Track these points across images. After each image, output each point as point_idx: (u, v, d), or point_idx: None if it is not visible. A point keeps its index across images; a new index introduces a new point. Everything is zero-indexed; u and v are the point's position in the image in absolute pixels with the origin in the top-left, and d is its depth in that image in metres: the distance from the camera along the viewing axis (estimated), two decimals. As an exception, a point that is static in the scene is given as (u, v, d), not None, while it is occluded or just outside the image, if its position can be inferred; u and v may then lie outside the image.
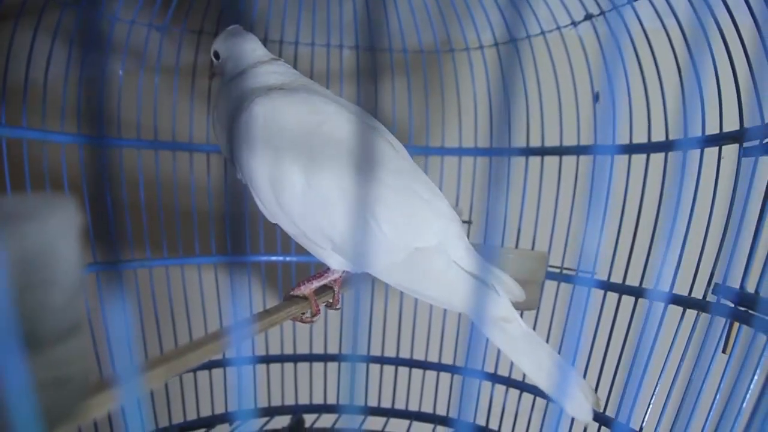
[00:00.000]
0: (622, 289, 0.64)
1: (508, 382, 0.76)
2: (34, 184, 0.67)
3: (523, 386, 0.74)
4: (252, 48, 0.57)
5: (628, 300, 0.63)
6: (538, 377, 0.50)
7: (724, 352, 0.48)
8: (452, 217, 0.51)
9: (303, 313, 0.55)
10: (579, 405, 0.48)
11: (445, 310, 0.81)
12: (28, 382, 0.17)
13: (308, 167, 0.47)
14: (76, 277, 0.20)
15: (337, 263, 0.51)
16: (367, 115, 0.53)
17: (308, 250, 0.53)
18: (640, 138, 0.65)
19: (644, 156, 0.64)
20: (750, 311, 0.46)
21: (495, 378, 0.77)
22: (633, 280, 0.64)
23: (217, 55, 0.57)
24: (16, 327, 0.17)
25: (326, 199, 0.47)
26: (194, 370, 0.79)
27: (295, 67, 0.83)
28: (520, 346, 0.49)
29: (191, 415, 0.81)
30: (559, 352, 0.51)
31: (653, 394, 0.55)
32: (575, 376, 0.50)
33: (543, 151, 0.76)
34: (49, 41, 0.68)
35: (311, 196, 0.47)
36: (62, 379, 0.20)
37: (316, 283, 0.53)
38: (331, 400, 0.86)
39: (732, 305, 0.48)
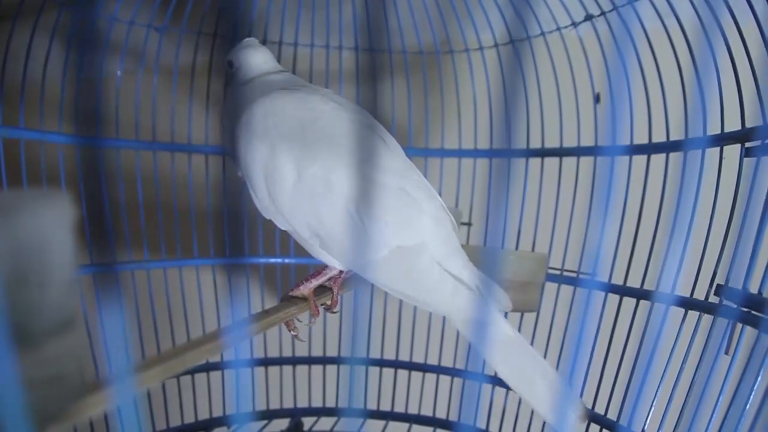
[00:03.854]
0: (624, 291, 0.64)
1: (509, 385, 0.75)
2: (32, 185, 0.66)
3: (524, 389, 0.74)
4: (263, 60, 0.58)
5: (629, 302, 0.62)
6: (519, 386, 0.49)
7: (727, 353, 0.48)
8: (439, 217, 0.51)
9: (299, 320, 0.54)
10: (565, 419, 0.47)
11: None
12: (19, 379, 0.16)
13: (299, 162, 0.48)
14: (70, 273, 0.20)
15: (331, 261, 0.52)
16: (365, 114, 0.53)
17: (305, 248, 0.53)
18: (641, 139, 0.65)
19: (645, 157, 0.63)
20: (754, 312, 0.45)
21: (495, 380, 0.76)
22: (634, 282, 0.63)
23: (230, 65, 0.58)
24: (7, 323, 0.16)
25: (313, 192, 0.48)
26: (192, 373, 0.79)
27: (294, 67, 0.84)
28: (503, 351, 0.49)
29: (189, 418, 0.80)
30: (560, 355, 0.50)
31: (655, 396, 0.55)
32: (565, 388, 0.49)
33: (543, 153, 0.75)
34: (47, 41, 0.67)
35: (300, 189, 0.48)
36: (55, 377, 0.19)
37: (315, 282, 0.53)
38: (330, 403, 0.85)
39: (735, 307, 0.48)
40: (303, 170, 0.48)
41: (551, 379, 0.49)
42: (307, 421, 0.81)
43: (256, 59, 0.57)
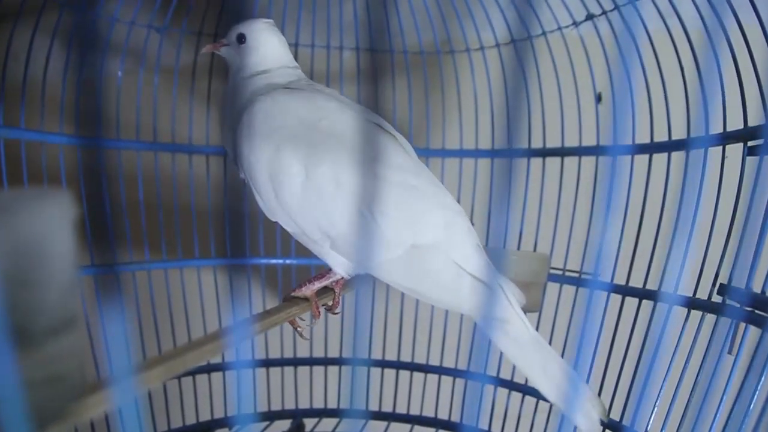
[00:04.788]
0: (627, 291, 0.63)
1: (511, 386, 0.75)
2: (32, 185, 0.66)
3: (526, 389, 0.74)
4: (285, 52, 0.56)
5: (632, 302, 0.62)
6: (543, 385, 0.49)
7: (730, 353, 0.48)
8: (458, 210, 0.50)
9: (301, 319, 0.54)
10: (587, 417, 0.47)
11: (446, 313, 0.81)
12: (19, 379, 0.16)
13: (307, 161, 0.47)
14: (70, 273, 0.20)
15: (337, 264, 0.51)
16: (371, 113, 0.53)
17: (310, 249, 0.52)
18: (643, 138, 0.64)
19: (647, 156, 0.63)
20: (758, 312, 0.45)
21: (497, 381, 0.76)
22: (637, 282, 0.63)
23: (241, 39, 0.55)
24: (7, 323, 0.16)
25: (323, 192, 0.47)
26: (193, 374, 0.78)
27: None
28: (526, 352, 0.49)
29: (190, 420, 0.80)
30: (562, 355, 0.50)
31: (658, 396, 0.55)
32: (583, 386, 0.49)
33: (545, 153, 0.75)
34: (47, 42, 0.67)
35: (309, 190, 0.47)
36: (55, 377, 0.19)
37: (318, 284, 0.53)
38: (332, 404, 0.85)
39: (738, 306, 0.47)
40: (311, 170, 0.47)
41: (572, 376, 0.48)
42: (309, 423, 0.81)
43: (279, 49, 0.56)
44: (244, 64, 0.55)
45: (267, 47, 0.55)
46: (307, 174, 0.47)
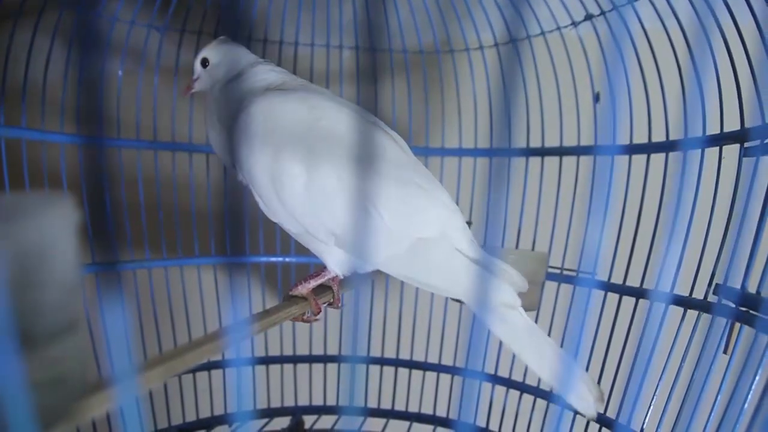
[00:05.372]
0: (623, 290, 0.64)
1: (509, 383, 0.76)
2: (33, 185, 0.66)
3: (524, 387, 0.74)
4: (245, 52, 0.58)
5: (628, 301, 0.63)
6: (541, 370, 0.50)
7: (725, 352, 0.48)
8: (454, 208, 0.51)
9: (304, 314, 0.54)
10: (582, 399, 0.48)
11: (445, 311, 0.81)
12: (24, 381, 0.16)
13: (308, 162, 0.47)
14: (73, 275, 0.20)
15: (335, 263, 0.51)
16: (366, 113, 0.53)
17: (310, 249, 0.53)
18: (640, 138, 0.65)
19: (645, 156, 0.64)
20: (752, 312, 0.45)
21: (495, 379, 0.76)
22: (634, 281, 0.64)
23: (205, 63, 0.58)
24: (11, 325, 0.17)
25: (327, 192, 0.47)
26: (193, 372, 0.79)
27: (294, 67, 0.84)
28: (523, 337, 0.49)
29: (190, 417, 0.80)
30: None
31: (654, 394, 0.55)
32: (578, 369, 0.49)
33: (543, 152, 0.75)
34: (48, 41, 0.67)
35: (312, 190, 0.47)
36: (58, 378, 0.19)
37: (313, 283, 0.53)
38: (331, 401, 0.86)
39: (733, 306, 0.48)
40: (313, 171, 0.47)
41: (567, 360, 0.49)
42: (308, 420, 0.82)
43: (239, 51, 0.57)
44: (218, 80, 0.57)
45: (229, 55, 0.57)
46: (308, 175, 0.47)
